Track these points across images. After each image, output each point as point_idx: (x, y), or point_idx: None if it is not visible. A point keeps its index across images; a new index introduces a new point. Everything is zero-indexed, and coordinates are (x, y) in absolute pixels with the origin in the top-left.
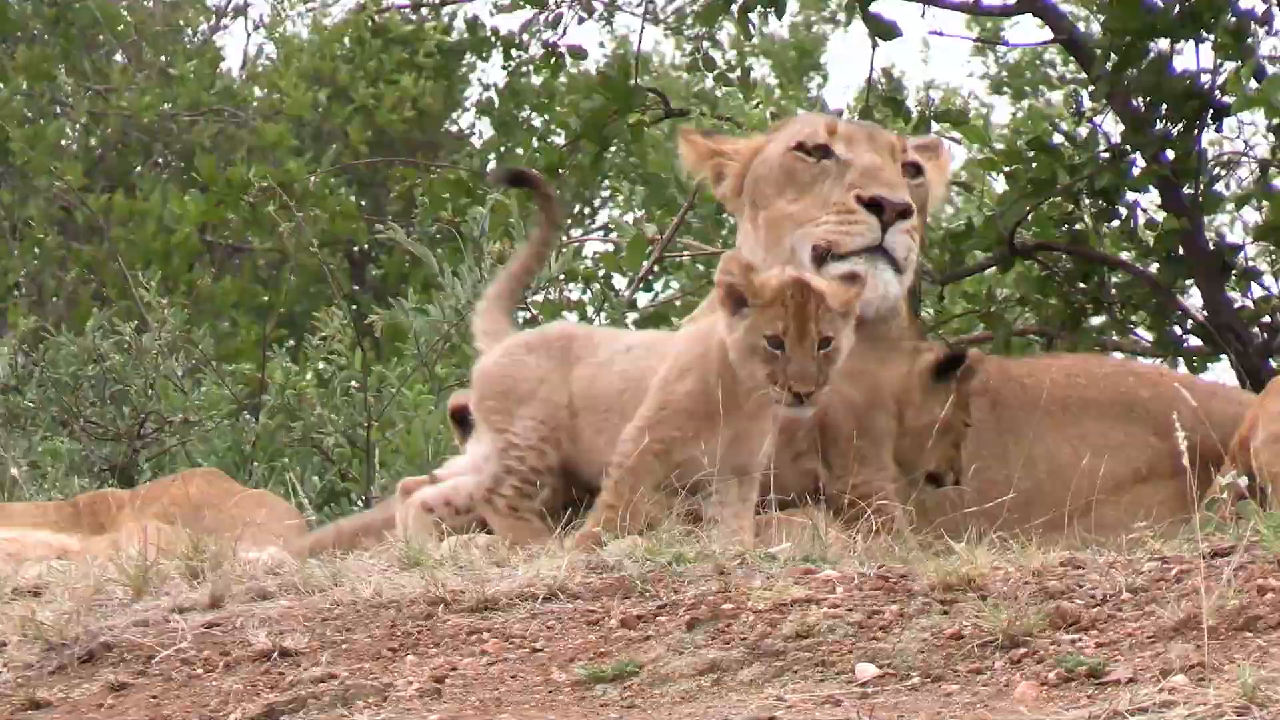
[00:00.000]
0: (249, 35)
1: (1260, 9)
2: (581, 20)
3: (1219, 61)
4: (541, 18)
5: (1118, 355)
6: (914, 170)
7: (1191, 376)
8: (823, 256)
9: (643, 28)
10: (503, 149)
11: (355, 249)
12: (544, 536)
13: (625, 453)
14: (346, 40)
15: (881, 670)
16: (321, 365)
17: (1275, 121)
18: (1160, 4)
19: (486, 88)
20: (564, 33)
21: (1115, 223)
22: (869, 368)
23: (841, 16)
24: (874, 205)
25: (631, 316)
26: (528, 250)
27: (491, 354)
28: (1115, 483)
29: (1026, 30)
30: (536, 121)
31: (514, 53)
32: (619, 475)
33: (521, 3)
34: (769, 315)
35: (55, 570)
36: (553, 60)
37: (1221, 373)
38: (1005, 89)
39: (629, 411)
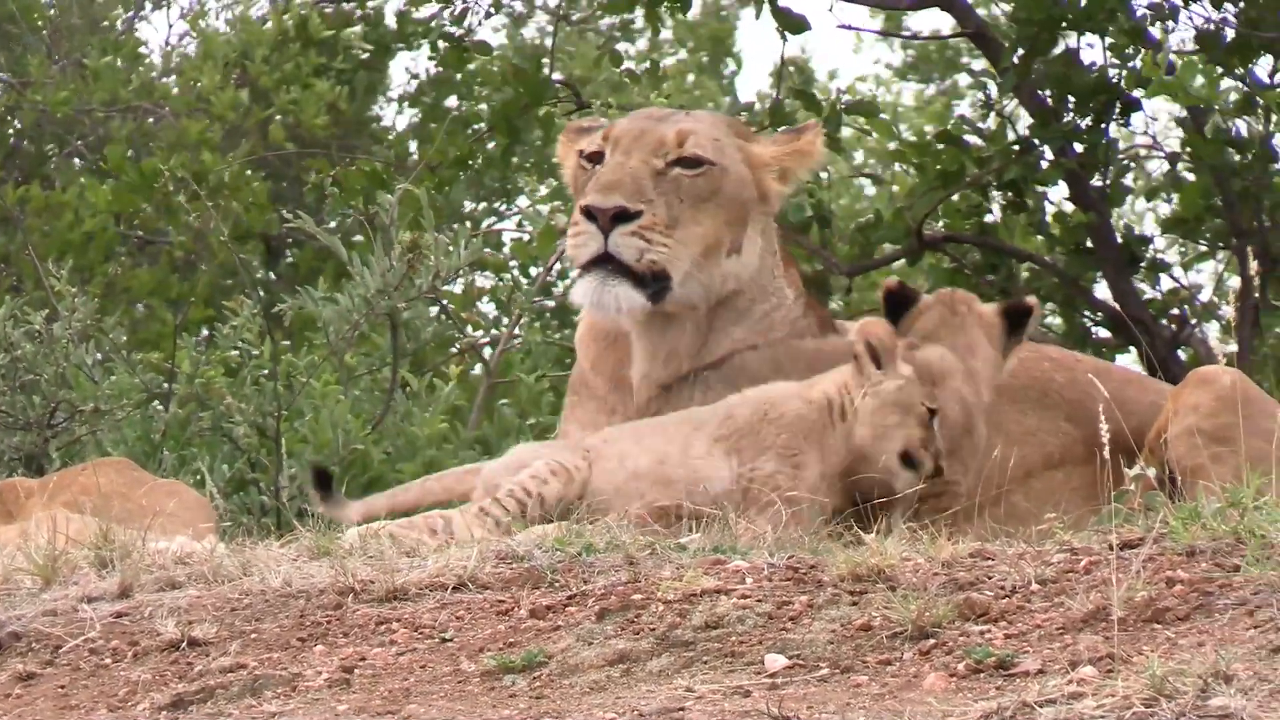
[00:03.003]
0: (170, 26)
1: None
2: (489, 14)
3: (1125, 55)
4: (446, 13)
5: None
6: (693, 163)
7: (1108, 364)
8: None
9: (557, 22)
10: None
11: (273, 237)
12: None
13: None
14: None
15: (791, 661)
16: (234, 352)
17: (1183, 115)
18: None
19: (414, 77)
20: (469, 29)
21: (1023, 215)
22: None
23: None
24: (590, 213)
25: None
26: None
27: None
28: (1026, 470)
29: (934, 20)
30: (464, 108)
31: (440, 43)
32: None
33: None
34: None
35: None
36: (460, 54)
37: (1130, 364)
38: (910, 76)
39: None
